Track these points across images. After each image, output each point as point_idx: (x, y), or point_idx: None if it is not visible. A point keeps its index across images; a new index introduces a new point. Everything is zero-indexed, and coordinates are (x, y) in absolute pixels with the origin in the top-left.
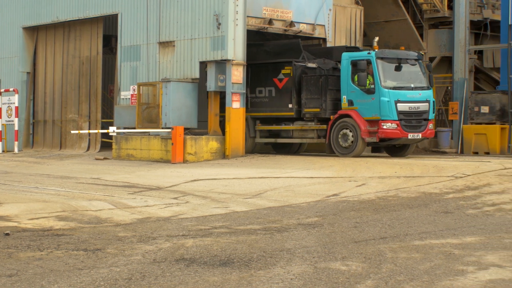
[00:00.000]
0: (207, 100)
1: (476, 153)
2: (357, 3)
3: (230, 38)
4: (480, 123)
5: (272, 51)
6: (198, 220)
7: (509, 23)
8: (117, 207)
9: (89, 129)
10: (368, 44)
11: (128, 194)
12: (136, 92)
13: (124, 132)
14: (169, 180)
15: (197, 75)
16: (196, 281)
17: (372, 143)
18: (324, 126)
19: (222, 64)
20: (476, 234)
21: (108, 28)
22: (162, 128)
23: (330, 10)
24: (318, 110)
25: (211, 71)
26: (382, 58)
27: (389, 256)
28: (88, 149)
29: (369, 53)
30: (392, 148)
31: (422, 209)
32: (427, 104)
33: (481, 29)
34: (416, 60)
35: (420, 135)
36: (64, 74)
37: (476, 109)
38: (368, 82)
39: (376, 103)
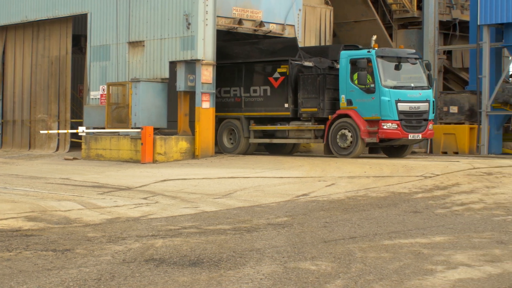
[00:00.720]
0: (177, 100)
1: (445, 153)
2: (326, 3)
3: (200, 38)
4: (449, 123)
5: (267, 50)
6: (167, 220)
7: (478, 24)
8: (87, 208)
9: (58, 129)
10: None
11: (98, 194)
12: (105, 92)
13: (93, 132)
14: (139, 180)
15: (167, 75)
16: (165, 281)
17: (372, 144)
18: (322, 126)
19: (192, 64)
20: (445, 234)
21: (77, 27)
22: (132, 128)
23: (300, 10)
24: (315, 109)
25: (180, 71)
26: (382, 57)
27: (359, 256)
28: (57, 149)
29: (369, 51)
30: (389, 149)
31: (391, 209)
32: (427, 104)
33: (450, 30)
34: (416, 59)
35: (420, 136)
36: (33, 74)
37: (445, 109)
38: (368, 81)
39: (376, 103)
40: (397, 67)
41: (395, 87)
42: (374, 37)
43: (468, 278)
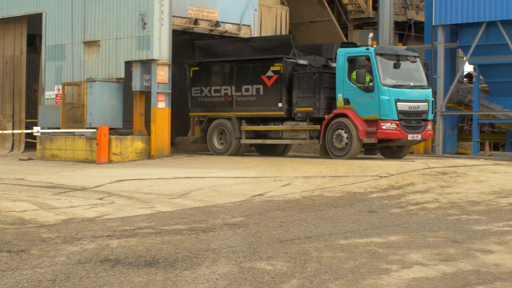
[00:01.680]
0: (132, 100)
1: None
2: (282, 3)
3: (156, 38)
4: None
5: (259, 47)
6: (123, 221)
7: (433, 24)
8: (42, 208)
9: (13, 129)
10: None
11: (53, 195)
12: (60, 92)
13: (48, 132)
14: (94, 181)
15: (123, 75)
16: (121, 282)
17: (369, 145)
18: (318, 126)
19: (147, 64)
20: (400, 233)
21: (32, 27)
22: (87, 128)
23: (255, 10)
24: (311, 109)
25: (136, 71)
26: (381, 55)
27: (314, 256)
28: (12, 149)
29: (367, 49)
30: (387, 149)
31: (347, 209)
32: (427, 103)
33: (405, 30)
34: (415, 57)
35: (419, 136)
36: None
37: None
38: (366, 79)
39: (375, 102)
40: (396, 66)
41: (394, 86)
42: (371, 35)
43: (423, 277)
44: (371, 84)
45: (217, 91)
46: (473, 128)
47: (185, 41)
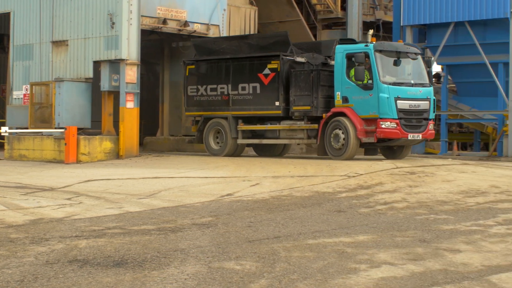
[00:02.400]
0: (101, 100)
1: None
2: (251, 3)
3: (124, 38)
4: None
5: (256, 45)
6: (91, 221)
7: (401, 24)
8: (9, 208)
9: None
10: None
11: (21, 195)
12: (28, 92)
13: (16, 132)
14: (63, 181)
15: (91, 75)
16: (89, 282)
17: (368, 144)
18: (315, 126)
19: (116, 64)
20: (368, 233)
21: (0, 27)
22: (55, 128)
23: (224, 10)
24: (308, 108)
25: (104, 71)
26: (380, 51)
27: (283, 255)
28: None
29: (366, 45)
30: (387, 149)
31: (315, 208)
32: (428, 102)
33: (374, 30)
34: (416, 54)
35: (420, 136)
36: None
37: None
38: (366, 77)
39: (374, 100)
40: (396, 63)
41: (394, 84)
42: (371, 32)
43: (391, 276)
44: (370, 81)
45: (213, 90)
46: (441, 128)
47: (154, 41)
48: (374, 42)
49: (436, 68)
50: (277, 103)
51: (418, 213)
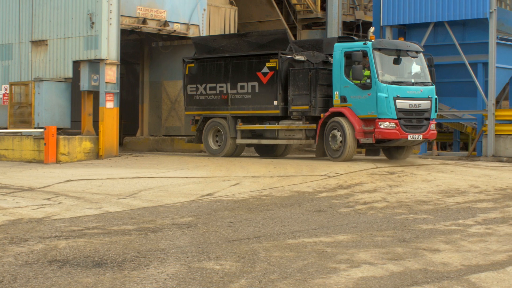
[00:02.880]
0: (80, 100)
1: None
2: (231, 3)
3: (104, 38)
4: None
5: (255, 42)
6: (71, 221)
7: (381, 25)
8: None
9: None
10: None
11: (0, 195)
12: (8, 92)
13: None
14: (42, 181)
15: (71, 75)
16: (69, 283)
17: (368, 145)
18: (314, 126)
19: (95, 64)
20: (348, 232)
21: None
22: (35, 128)
23: (204, 10)
24: (306, 107)
25: (84, 71)
26: (379, 49)
27: (263, 255)
28: None
29: (365, 43)
30: (390, 150)
31: (295, 208)
32: (429, 101)
33: (354, 30)
34: (417, 52)
35: (421, 136)
36: None
37: None
38: (364, 76)
39: (372, 100)
40: (396, 61)
41: (393, 83)
42: (372, 29)
43: (371, 276)
44: (368, 80)
45: (213, 89)
46: None
47: (134, 40)
48: (373, 40)
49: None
50: (275, 103)
51: (397, 213)
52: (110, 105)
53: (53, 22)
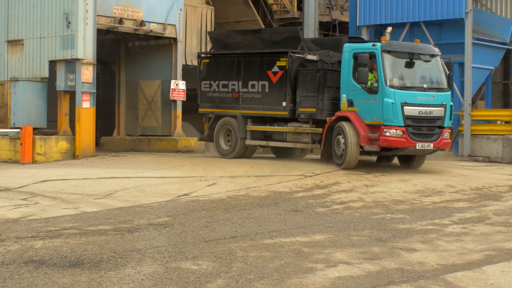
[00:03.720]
0: (57, 100)
1: None
2: (207, 3)
3: (80, 37)
4: None
5: (269, 39)
6: (47, 221)
7: (357, 25)
8: None
9: None
10: None
11: None
12: None
13: None
14: (18, 181)
15: (47, 74)
16: (45, 283)
17: (375, 152)
18: (320, 130)
19: (72, 64)
20: (325, 232)
21: None
22: (11, 128)
23: (181, 10)
24: (313, 110)
25: (60, 71)
26: (389, 52)
27: (240, 255)
28: None
29: (374, 45)
30: (404, 157)
31: (272, 208)
32: (443, 109)
33: (330, 30)
34: (432, 55)
35: (431, 145)
36: None
37: None
38: (372, 79)
39: (378, 105)
40: (408, 65)
41: (401, 88)
42: (389, 29)
43: (347, 275)
44: (375, 84)
45: (225, 86)
46: None
47: (110, 40)
48: (382, 42)
49: None
50: (284, 104)
51: (374, 213)
52: (86, 105)
53: (29, 21)
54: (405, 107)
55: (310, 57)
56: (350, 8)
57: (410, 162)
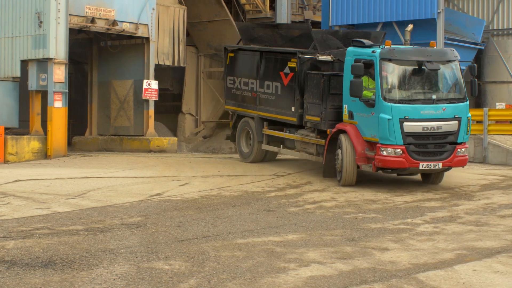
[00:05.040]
0: (28, 100)
1: None
2: (180, 2)
3: (52, 37)
4: None
5: (286, 36)
6: (19, 222)
7: (330, 24)
8: None
9: None
10: (191, 44)
11: None
12: None
13: None
14: None
15: (19, 74)
16: (17, 284)
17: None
18: (323, 141)
19: (44, 63)
20: (297, 232)
21: None
22: None
23: (153, 9)
24: (318, 119)
25: (32, 70)
26: (390, 60)
27: (212, 255)
28: None
29: (373, 51)
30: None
31: (244, 208)
32: (456, 122)
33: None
34: (447, 61)
35: (440, 164)
36: None
37: None
38: (371, 91)
39: (376, 121)
40: (414, 73)
41: (402, 101)
42: (410, 27)
43: (320, 275)
44: (373, 97)
45: (246, 84)
46: None
47: (82, 40)
48: (382, 48)
49: None
50: (293, 109)
51: (346, 212)
52: (58, 104)
53: (1, 21)
54: (405, 124)
55: (322, 57)
56: (322, 8)
57: (430, 177)
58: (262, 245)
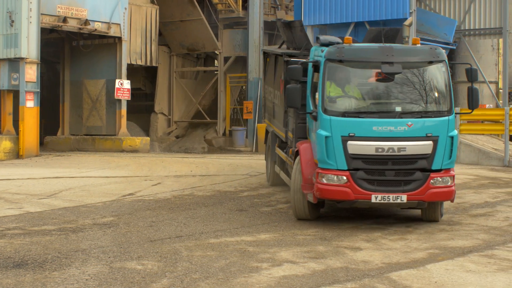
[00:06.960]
0: (0, 99)
1: None
2: (152, 2)
3: (24, 36)
4: None
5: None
6: None
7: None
8: None
9: None
10: (163, 43)
11: None
12: None
13: None
14: None
15: None
16: None
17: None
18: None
19: (15, 62)
20: (270, 231)
21: None
22: None
23: (125, 9)
24: (291, 136)
25: (4, 70)
26: (340, 61)
27: (185, 255)
28: None
29: (322, 50)
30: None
31: (217, 207)
32: (429, 143)
33: (275, 30)
34: (420, 62)
35: (403, 197)
36: None
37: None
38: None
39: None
40: (371, 77)
41: (345, 114)
42: (409, 21)
43: (293, 274)
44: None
45: (270, 94)
46: None
47: (54, 39)
48: (332, 47)
49: None
50: (282, 123)
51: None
52: (30, 104)
53: None
54: (349, 143)
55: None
56: (294, 7)
57: (424, 212)
58: (235, 245)
